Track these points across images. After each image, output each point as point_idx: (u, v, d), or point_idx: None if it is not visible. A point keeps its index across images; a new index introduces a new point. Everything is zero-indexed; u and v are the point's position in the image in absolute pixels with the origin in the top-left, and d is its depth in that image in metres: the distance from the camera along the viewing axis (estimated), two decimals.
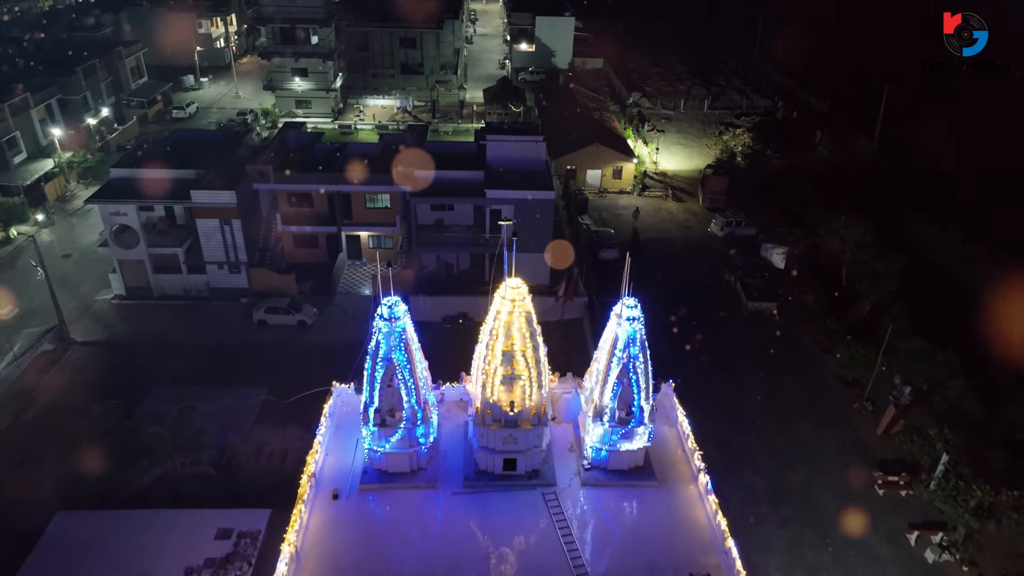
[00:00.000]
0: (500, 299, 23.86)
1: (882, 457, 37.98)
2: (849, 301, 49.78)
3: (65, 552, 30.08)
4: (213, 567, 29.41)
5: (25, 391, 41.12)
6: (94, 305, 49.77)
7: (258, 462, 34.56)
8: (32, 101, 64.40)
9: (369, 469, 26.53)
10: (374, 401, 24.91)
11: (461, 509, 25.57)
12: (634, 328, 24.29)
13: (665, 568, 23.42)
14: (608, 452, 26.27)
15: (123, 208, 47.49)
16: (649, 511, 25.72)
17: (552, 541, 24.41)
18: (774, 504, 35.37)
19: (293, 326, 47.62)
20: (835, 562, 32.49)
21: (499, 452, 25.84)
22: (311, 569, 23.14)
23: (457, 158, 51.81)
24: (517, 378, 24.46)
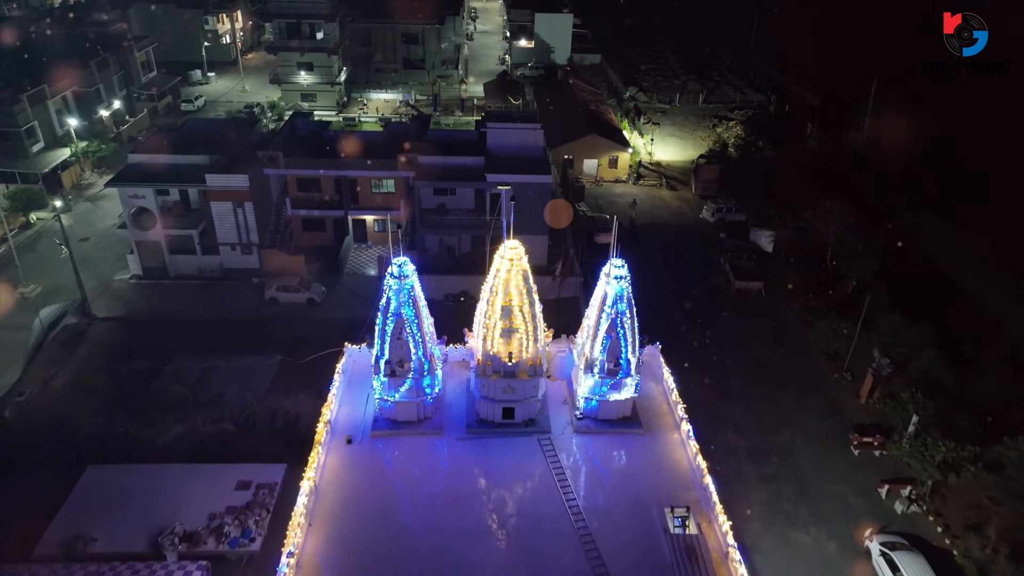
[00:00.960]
0: (499, 258, 26.30)
1: (858, 422, 40.37)
2: (833, 281, 52.22)
3: (96, 502, 32.48)
4: (234, 513, 31.86)
5: (52, 360, 43.59)
6: (113, 284, 52.19)
7: (273, 423, 36.93)
8: (49, 93, 66.74)
9: (379, 418, 28.95)
10: (385, 353, 27.33)
11: (464, 453, 27.98)
12: (621, 286, 26.72)
13: (648, 502, 25.84)
14: (598, 402, 28.68)
15: (141, 191, 49.96)
16: (635, 455, 28.14)
17: (547, 481, 26.79)
18: (755, 463, 37.83)
19: (303, 303, 50.04)
20: (811, 513, 34.94)
21: (498, 401, 28.27)
22: (328, 502, 25.55)
23: (459, 145, 54.34)
24: (515, 331, 26.89)
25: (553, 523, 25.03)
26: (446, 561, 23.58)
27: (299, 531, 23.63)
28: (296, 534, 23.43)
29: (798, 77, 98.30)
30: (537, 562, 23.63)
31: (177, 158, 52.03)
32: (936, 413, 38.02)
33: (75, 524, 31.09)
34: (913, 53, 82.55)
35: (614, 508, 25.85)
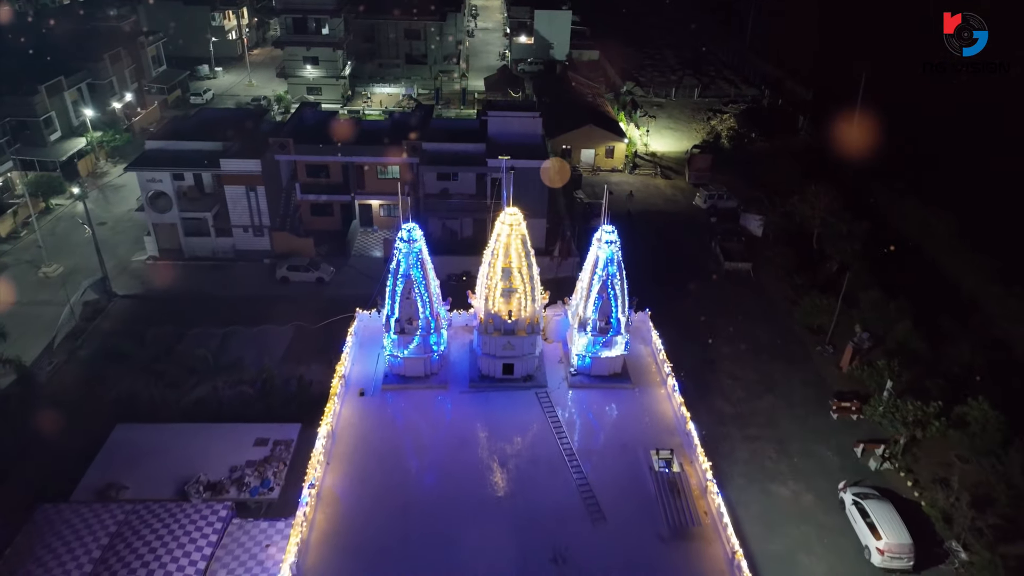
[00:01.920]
0: (500, 224, 28.75)
1: (838, 390, 42.81)
2: (818, 262, 54.68)
3: (124, 457, 34.82)
4: (254, 466, 34.30)
5: (77, 333, 46.06)
6: (130, 265, 54.65)
7: (288, 387, 39.35)
8: (65, 84, 69.18)
9: (389, 374, 31.37)
10: (395, 312, 29.77)
11: (467, 405, 30.41)
12: (612, 250, 29.16)
13: (636, 446, 28.26)
14: (591, 359, 31.11)
15: (158, 175, 52.40)
16: (625, 407, 30.57)
17: (544, 429, 29.21)
18: (740, 426, 40.31)
19: (312, 283, 52.48)
20: (790, 469, 37.43)
21: (499, 358, 30.71)
22: (343, 445, 27.97)
23: (461, 132, 56.82)
24: (514, 291, 29.34)
25: (549, 464, 27.46)
26: (451, 494, 25.99)
27: (319, 467, 26.07)
28: (316, 470, 25.87)
29: (792, 73, 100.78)
30: (534, 496, 26.05)
31: (192, 144, 54.43)
32: (910, 381, 40.51)
33: (106, 475, 33.45)
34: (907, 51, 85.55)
35: (605, 451, 28.30)
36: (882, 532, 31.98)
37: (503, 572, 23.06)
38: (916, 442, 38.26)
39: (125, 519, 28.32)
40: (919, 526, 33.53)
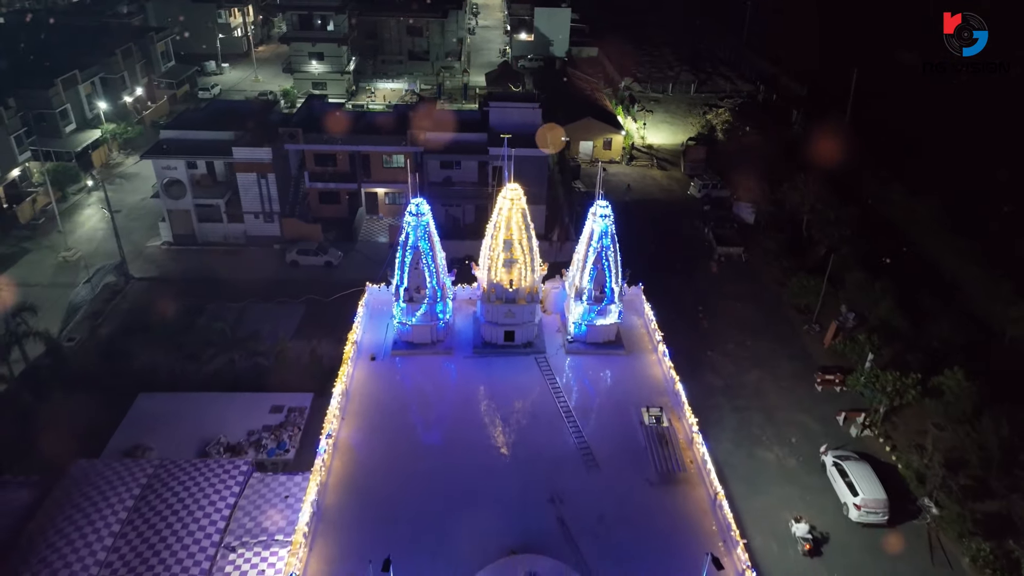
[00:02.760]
0: (502, 199, 30.91)
1: (823, 364, 44.97)
2: (808, 247, 56.83)
3: (147, 423, 37.01)
4: (270, 430, 36.52)
5: (97, 312, 48.24)
6: (146, 250, 56.84)
7: (300, 360, 41.52)
8: (80, 78, 71.38)
9: (398, 340, 33.53)
10: (404, 281, 31.93)
11: (471, 369, 32.57)
12: (606, 224, 31.32)
13: (628, 404, 30.41)
14: (587, 327, 33.26)
15: (173, 163, 54.59)
16: (618, 371, 32.72)
17: (543, 390, 31.35)
18: (729, 397, 42.49)
19: (321, 266, 54.66)
20: (776, 436, 39.61)
21: (501, 325, 32.88)
22: (356, 402, 30.12)
23: (463, 123, 59.01)
24: (514, 262, 31.50)
25: (547, 420, 29.63)
26: (456, 445, 28.19)
27: (334, 421, 28.24)
28: (332, 423, 28.04)
29: (788, 69, 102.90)
30: (533, 446, 28.22)
31: (204, 134, 56.65)
32: (892, 356, 42.65)
33: (132, 438, 35.67)
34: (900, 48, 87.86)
35: (599, 409, 30.49)
36: (859, 489, 34.15)
37: (506, 510, 25.19)
38: (895, 411, 40.45)
39: (154, 473, 30.46)
40: (895, 486, 35.69)
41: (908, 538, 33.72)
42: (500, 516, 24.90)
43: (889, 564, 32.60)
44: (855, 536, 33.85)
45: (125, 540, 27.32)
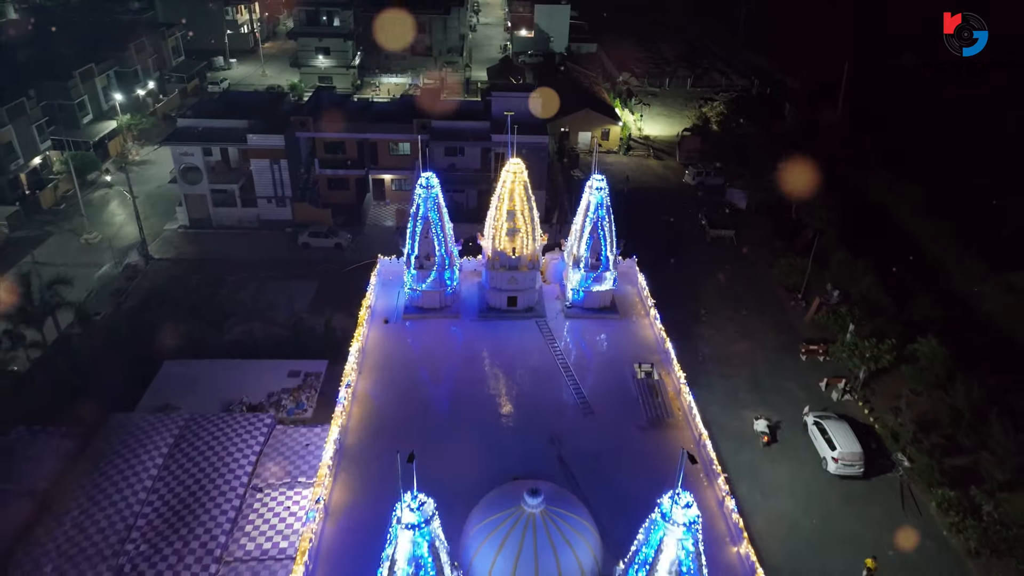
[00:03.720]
0: (505, 172, 33.49)
1: (808, 337, 47.59)
2: (797, 230, 59.43)
3: (172, 388, 39.46)
4: (289, 392, 39.11)
5: (119, 290, 50.86)
6: (163, 233, 59.45)
7: (315, 330, 44.12)
8: (96, 71, 74.00)
9: (409, 305, 36.08)
10: (415, 250, 34.49)
11: (477, 332, 35.12)
12: (601, 196, 33.86)
13: (621, 362, 32.98)
14: (584, 293, 35.80)
15: (190, 150, 57.20)
16: (613, 332, 35.27)
17: (544, 350, 33.90)
18: (719, 366, 45.10)
19: (331, 248, 57.26)
20: (762, 400, 42.22)
21: (504, 291, 35.45)
22: (371, 358, 32.69)
23: (467, 112, 61.65)
24: (517, 231, 34.08)
25: (548, 374, 32.20)
26: (464, 395, 30.77)
27: (352, 373, 30.84)
28: (351, 375, 30.63)
29: (782, 64, 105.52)
30: (534, 396, 30.81)
31: (219, 122, 59.28)
32: (872, 329, 45.24)
33: (160, 399, 38.24)
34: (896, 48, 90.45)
35: (595, 365, 33.09)
36: (837, 443, 36.79)
37: (509, 450, 27.76)
38: (874, 378, 43.09)
39: (185, 425, 33.09)
40: (871, 443, 38.32)
41: (881, 488, 36.37)
42: (505, 454, 27.43)
43: (863, 511, 35.20)
44: (833, 487, 36.49)
45: (163, 482, 29.94)
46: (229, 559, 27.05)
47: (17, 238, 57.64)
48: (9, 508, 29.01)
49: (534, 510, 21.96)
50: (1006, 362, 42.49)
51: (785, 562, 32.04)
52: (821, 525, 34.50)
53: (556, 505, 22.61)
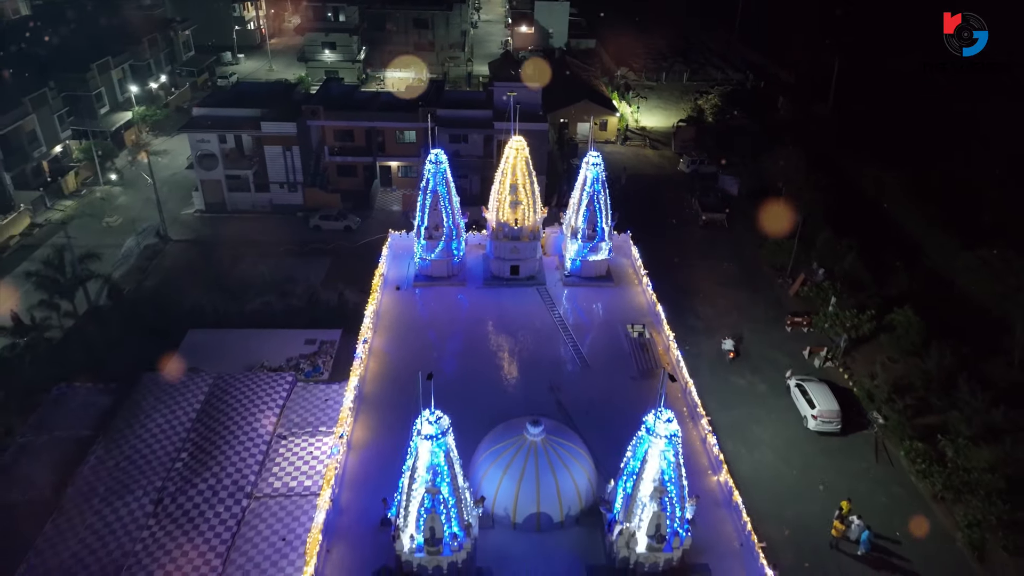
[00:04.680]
0: (508, 148, 36.24)
1: (794, 310, 50.38)
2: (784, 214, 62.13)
3: (197, 355, 42.18)
4: (306, 358, 41.90)
5: (140, 268, 53.66)
6: (180, 217, 62.25)
7: (329, 304, 46.91)
8: (112, 64, 76.78)
9: (419, 274, 38.81)
10: (424, 221, 37.22)
11: (482, 298, 37.84)
12: (596, 171, 36.59)
13: (615, 323, 35.71)
14: (581, 262, 38.53)
15: (207, 137, 59.98)
16: (608, 299, 37.96)
17: (544, 314, 36.63)
18: (709, 336, 47.87)
19: (341, 230, 60.03)
20: (749, 367, 45.01)
21: (507, 260, 38.20)
22: (385, 320, 35.45)
23: (470, 101, 64.45)
24: (519, 203, 36.83)
25: (547, 334, 34.93)
26: (471, 352, 33.52)
27: (368, 332, 33.61)
28: (367, 333, 33.40)
29: (776, 59, 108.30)
30: (536, 353, 33.55)
31: (233, 111, 62.04)
32: (855, 303, 48.00)
33: (186, 364, 41.01)
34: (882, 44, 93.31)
35: (591, 326, 35.84)
36: (816, 402, 39.59)
37: (513, 397, 30.53)
38: (855, 347, 45.85)
39: (214, 383, 35.89)
40: (849, 405, 41.11)
41: (857, 444, 39.18)
42: (509, 400, 30.18)
43: (840, 463, 38.00)
44: (812, 443, 39.29)
45: (196, 431, 32.74)
46: (259, 495, 29.85)
47: (42, 221, 60.40)
48: (57, 451, 31.85)
49: (535, 438, 24.80)
50: (977, 332, 45.22)
51: (766, 506, 34.73)
52: (801, 475, 37.30)
53: (555, 435, 25.50)
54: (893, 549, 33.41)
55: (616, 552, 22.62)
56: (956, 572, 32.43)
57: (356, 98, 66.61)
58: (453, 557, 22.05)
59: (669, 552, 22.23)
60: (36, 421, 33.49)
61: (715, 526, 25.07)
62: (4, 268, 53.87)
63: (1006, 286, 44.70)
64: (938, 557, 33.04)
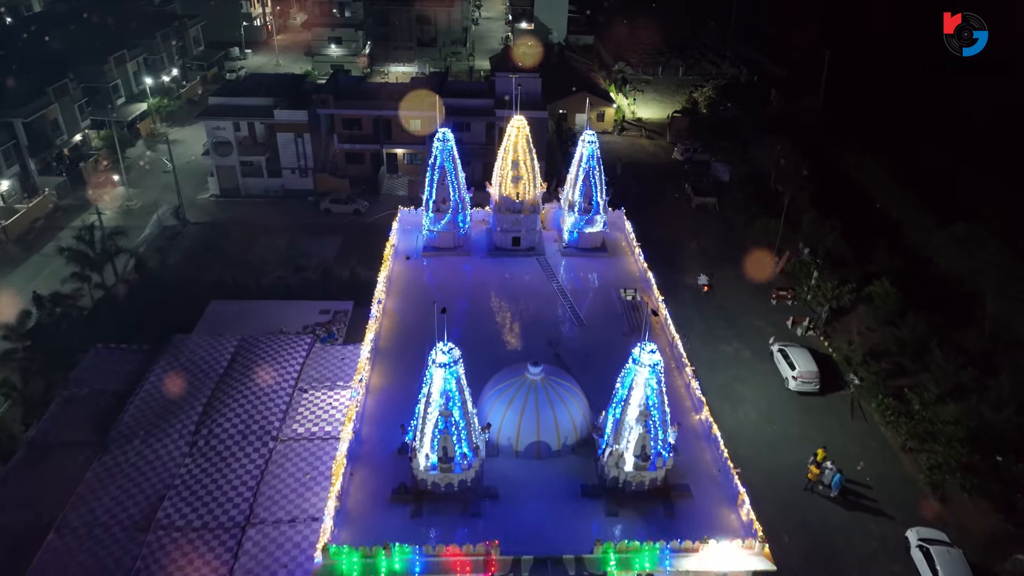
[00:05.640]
0: (510, 127, 39.19)
1: (779, 285, 53.36)
2: (774, 197, 65.13)
3: (219, 323, 45.15)
4: (322, 326, 44.87)
5: (161, 248, 56.66)
6: (196, 201, 65.27)
7: (341, 278, 49.89)
8: (128, 57, 79.79)
9: (427, 245, 41.73)
10: (432, 195, 40.16)
11: (486, 267, 40.74)
12: (592, 148, 39.51)
13: (609, 288, 38.62)
14: (578, 234, 41.45)
15: (222, 124, 62.99)
16: (603, 267, 40.87)
17: (543, 281, 39.59)
18: (698, 308, 50.88)
19: (351, 213, 63.05)
20: (735, 335, 48.01)
21: (509, 232, 41.15)
22: (396, 285, 38.40)
23: (473, 91, 67.47)
24: (520, 178, 39.77)
25: (546, 298, 37.84)
26: (477, 313, 36.49)
27: (383, 294, 36.58)
28: (381, 296, 36.36)
29: (770, 55, 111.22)
30: (536, 314, 36.53)
31: (247, 100, 65.06)
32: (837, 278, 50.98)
33: (209, 331, 44.00)
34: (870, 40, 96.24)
35: (586, 290, 38.79)
36: (796, 364, 42.61)
37: (514, 352, 33.47)
38: (835, 317, 48.84)
39: (239, 344, 38.86)
40: (828, 371, 44.08)
41: (834, 402, 42.21)
42: (512, 353, 33.17)
43: (818, 420, 41.01)
44: (793, 401, 42.33)
45: (225, 384, 35.70)
46: (284, 438, 32.84)
47: (65, 205, 63.43)
48: (98, 402, 34.83)
49: (535, 378, 27.81)
50: (951, 304, 48.13)
51: (747, 457, 37.61)
52: (780, 430, 40.31)
53: (552, 376, 28.48)
54: (863, 492, 36.43)
55: (607, 472, 25.64)
56: (918, 511, 35.40)
57: (363, 88, 69.56)
58: (463, 475, 25.09)
59: (653, 471, 25.25)
60: (77, 377, 36.45)
61: (696, 455, 28.06)
62: (32, 247, 56.89)
63: (976, 260, 47.53)
64: (903, 497, 36.07)
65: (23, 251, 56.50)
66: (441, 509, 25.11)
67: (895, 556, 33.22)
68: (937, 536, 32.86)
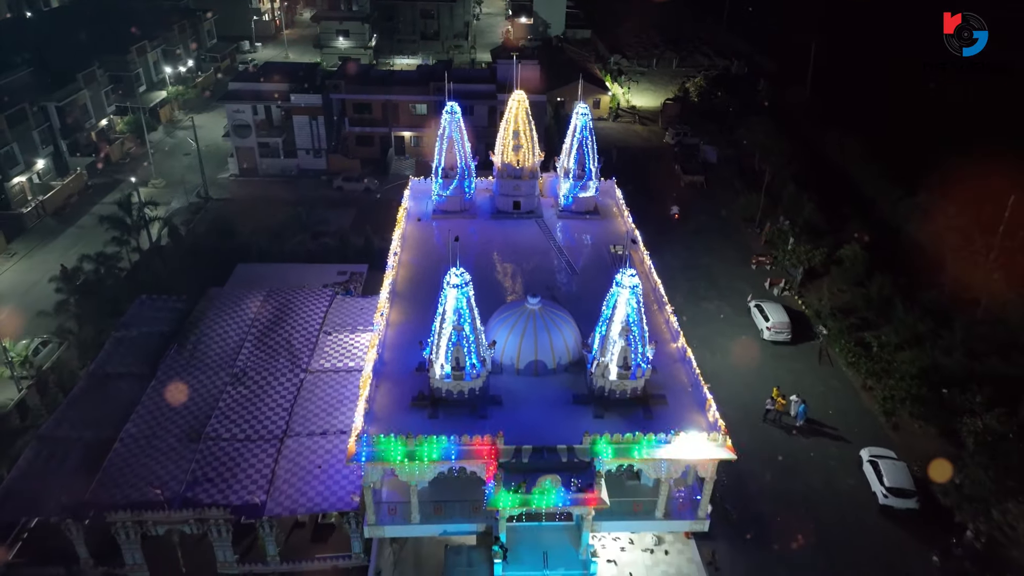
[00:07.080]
0: (512, 100, 43.61)
1: (758, 251, 57.77)
2: (759, 175, 69.54)
3: (246, 282, 49.48)
4: (340, 284, 49.27)
5: (187, 220, 61.08)
6: (217, 180, 69.67)
7: (356, 244, 54.30)
8: (148, 47, 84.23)
9: (436, 209, 46.12)
10: (441, 162, 44.59)
11: (489, 228, 45.14)
12: (585, 119, 43.98)
13: (600, 245, 43.10)
14: (572, 199, 45.86)
15: (242, 107, 67.42)
16: (595, 229, 45.29)
17: (541, 239, 44.01)
18: (684, 272, 55.30)
19: (362, 191, 67.46)
20: (717, 294, 52.46)
21: (510, 196, 45.57)
22: (408, 241, 42.82)
23: (476, 77, 71.83)
24: (520, 147, 44.20)
25: (544, 253, 42.29)
26: (482, 266, 40.86)
27: (399, 248, 40.99)
28: (396, 250, 40.77)
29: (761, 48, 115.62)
30: (535, 265, 40.97)
31: (264, 85, 69.48)
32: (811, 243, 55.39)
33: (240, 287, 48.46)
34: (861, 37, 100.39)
35: (580, 247, 43.24)
36: (770, 316, 47.06)
37: (517, 298, 37.89)
38: (809, 279, 53.26)
39: (266, 296, 43.29)
40: (801, 326, 48.52)
41: (804, 350, 46.66)
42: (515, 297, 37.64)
43: (789, 365, 45.45)
44: (766, 349, 46.76)
45: (257, 327, 40.14)
46: (313, 370, 37.28)
47: (93, 184, 67.88)
48: (146, 342, 39.25)
49: (533, 307, 32.27)
50: (914, 264, 52.48)
51: (723, 396, 42.03)
52: (754, 372, 44.72)
53: (548, 306, 32.92)
54: (825, 421, 40.88)
55: (594, 382, 30.09)
56: (874, 437, 39.84)
57: (373, 75, 73.96)
58: (472, 383, 29.55)
59: (634, 380, 29.71)
60: (126, 322, 40.88)
61: (673, 375, 32.54)
62: (68, 220, 61.36)
63: (937, 225, 51.91)
64: (860, 426, 40.52)
65: (59, 223, 60.96)
66: (454, 412, 29.56)
67: (850, 472, 37.70)
68: (887, 454, 37.34)
